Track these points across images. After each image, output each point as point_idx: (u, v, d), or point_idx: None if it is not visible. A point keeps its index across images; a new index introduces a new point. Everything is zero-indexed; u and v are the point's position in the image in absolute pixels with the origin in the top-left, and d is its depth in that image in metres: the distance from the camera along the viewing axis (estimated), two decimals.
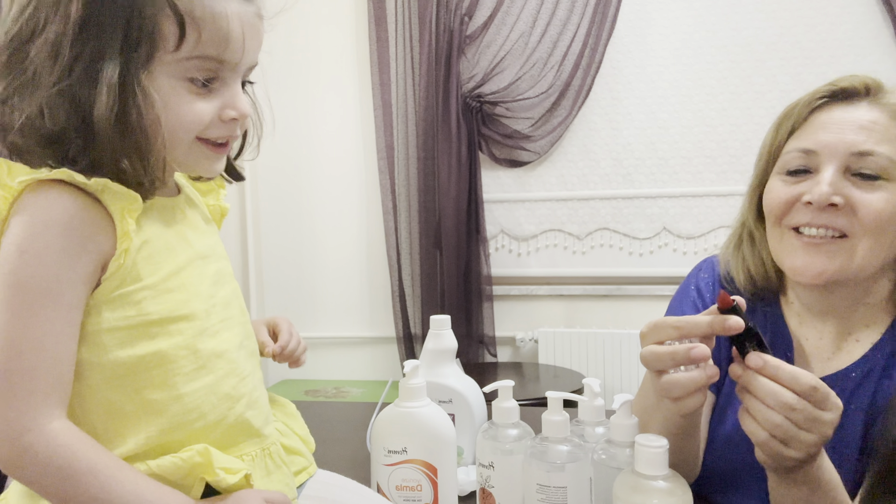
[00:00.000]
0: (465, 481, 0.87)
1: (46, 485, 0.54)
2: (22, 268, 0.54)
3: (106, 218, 0.56)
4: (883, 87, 0.80)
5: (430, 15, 2.47)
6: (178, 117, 0.58)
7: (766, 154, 0.86)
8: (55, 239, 0.54)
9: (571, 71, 2.44)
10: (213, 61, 0.58)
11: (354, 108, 2.69)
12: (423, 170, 2.56)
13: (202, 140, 0.62)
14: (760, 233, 0.87)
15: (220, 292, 0.66)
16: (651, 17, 2.44)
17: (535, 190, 2.58)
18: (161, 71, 0.57)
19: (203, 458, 0.58)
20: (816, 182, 0.76)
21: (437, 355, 0.94)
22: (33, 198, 0.55)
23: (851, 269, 0.76)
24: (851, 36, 2.28)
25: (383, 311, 2.70)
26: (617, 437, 0.69)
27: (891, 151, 0.75)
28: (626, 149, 2.48)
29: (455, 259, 2.51)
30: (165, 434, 0.59)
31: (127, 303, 0.58)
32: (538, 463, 0.71)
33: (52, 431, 0.54)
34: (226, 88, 0.61)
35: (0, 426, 0.53)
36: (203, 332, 0.62)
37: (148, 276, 0.58)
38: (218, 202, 0.76)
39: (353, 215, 2.70)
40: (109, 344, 0.57)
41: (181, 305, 0.60)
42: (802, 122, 0.82)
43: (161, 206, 0.63)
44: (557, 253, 2.58)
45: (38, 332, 0.54)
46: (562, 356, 2.50)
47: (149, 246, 0.59)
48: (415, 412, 0.79)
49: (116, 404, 0.58)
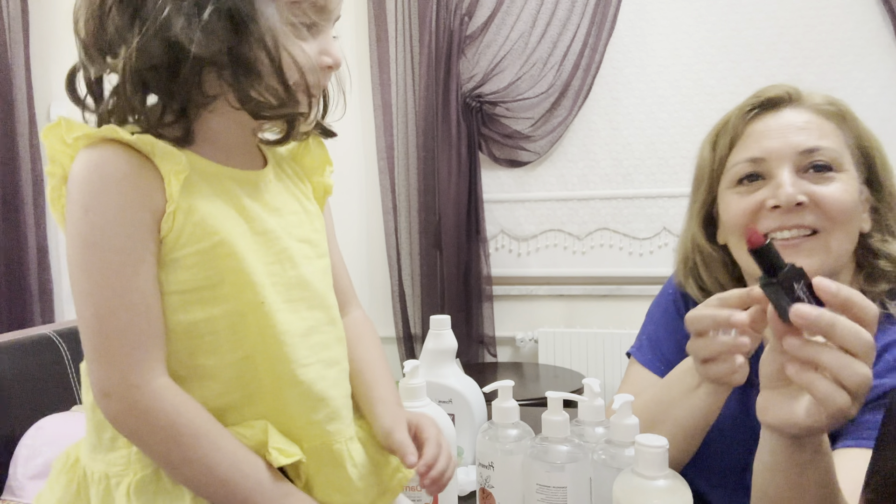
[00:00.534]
0: (465, 481, 0.87)
1: (151, 443, 0.55)
2: (91, 228, 0.54)
3: (156, 176, 0.56)
4: (801, 91, 0.84)
5: (430, 15, 2.47)
6: (294, 59, 0.59)
7: (708, 173, 0.88)
8: (114, 195, 0.54)
9: (571, 71, 2.44)
10: (314, 6, 0.60)
11: (354, 108, 2.69)
12: (423, 170, 2.56)
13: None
14: (716, 254, 0.88)
15: (289, 272, 0.63)
16: (651, 17, 2.44)
17: (535, 190, 2.58)
18: (275, 12, 0.58)
19: (264, 435, 0.58)
20: (777, 185, 0.78)
21: (437, 355, 0.94)
22: (86, 154, 0.55)
23: (830, 262, 0.77)
24: (851, 36, 2.28)
25: (383, 311, 2.70)
26: (617, 437, 0.69)
27: (832, 144, 0.79)
28: (625, 149, 2.48)
29: (455, 259, 2.51)
30: (221, 397, 0.59)
31: (180, 267, 0.57)
32: (538, 463, 0.70)
33: (156, 389, 0.54)
34: (321, 35, 0.62)
35: (111, 383, 0.54)
36: (258, 306, 0.59)
37: (199, 241, 0.57)
38: (322, 178, 0.74)
39: (354, 215, 2.70)
40: (164, 308, 0.57)
41: (233, 275, 0.58)
42: (740, 135, 0.85)
43: (227, 176, 0.62)
44: (557, 253, 2.58)
45: (123, 289, 0.54)
46: (562, 356, 2.50)
47: (198, 211, 0.58)
48: (415, 412, 0.79)
49: (170, 369, 0.57)
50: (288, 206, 0.67)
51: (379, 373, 0.72)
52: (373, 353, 0.74)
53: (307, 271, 0.64)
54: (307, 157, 0.73)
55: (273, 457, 0.58)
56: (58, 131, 0.56)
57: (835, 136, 0.80)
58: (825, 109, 0.81)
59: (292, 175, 0.70)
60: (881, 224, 0.82)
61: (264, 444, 0.58)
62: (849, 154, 0.80)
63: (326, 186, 0.74)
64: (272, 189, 0.66)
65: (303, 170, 0.73)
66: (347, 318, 0.75)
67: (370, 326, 0.78)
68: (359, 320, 0.77)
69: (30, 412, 1.06)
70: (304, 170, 0.73)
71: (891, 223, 0.81)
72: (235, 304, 0.58)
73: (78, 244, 0.55)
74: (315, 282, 0.65)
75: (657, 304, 1.00)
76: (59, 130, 0.56)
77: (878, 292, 0.79)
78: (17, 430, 1.05)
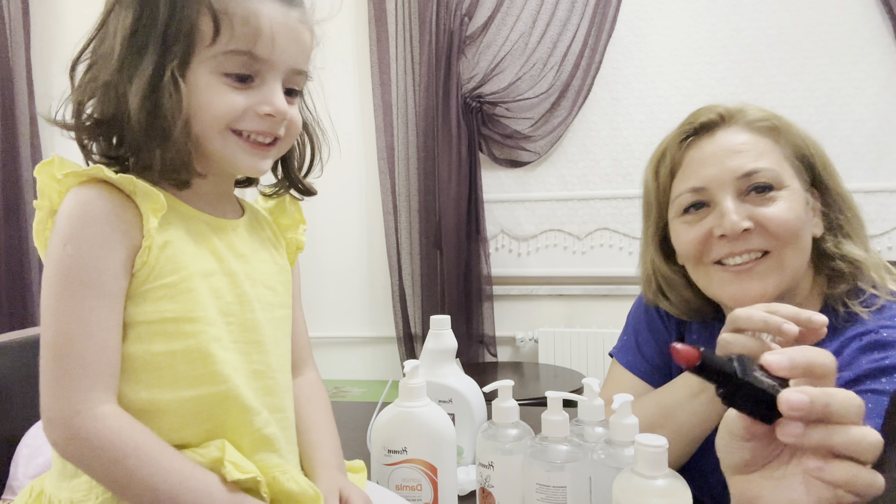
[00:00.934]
0: (465, 481, 0.87)
1: (95, 467, 0.56)
2: (65, 259, 0.57)
3: (137, 215, 0.60)
4: (732, 110, 0.84)
5: (430, 15, 2.47)
6: (209, 106, 0.61)
7: (655, 202, 0.89)
8: (93, 233, 0.58)
9: (571, 71, 2.44)
10: (246, 56, 0.61)
11: (354, 108, 2.69)
12: (423, 170, 2.56)
13: (236, 133, 0.63)
14: (676, 275, 0.89)
15: (247, 315, 0.66)
16: (651, 17, 2.44)
17: (535, 190, 2.58)
18: (201, 66, 0.61)
19: (220, 452, 0.60)
20: (720, 214, 0.79)
21: (437, 355, 0.94)
22: (74, 193, 0.59)
23: (786, 280, 0.78)
24: (851, 36, 2.28)
25: (383, 311, 2.70)
26: (617, 437, 0.69)
27: (770, 163, 0.79)
28: (625, 149, 2.48)
29: (455, 259, 2.51)
30: (177, 432, 0.60)
31: (147, 299, 0.60)
32: (538, 462, 0.71)
33: (99, 414, 0.56)
34: (264, 86, 0.64)
35: (54, 410, 0.56)
36: (216, 340, 0.62)
37: (168, 274, 0.60)
38: (296, 235, 0.79)
39: (354, 215, 2.70)
40: (130, 337, 0.60)
41: (194, 310, 0.61)
42: (679, 163, 0.86)
43: (202, 220, 0.66)
44: (557, 253, 2.59)
45: (83, 320, 0.57)
46: (562, 356, 2.50)
47: (171, 246, 0.61)
48: (415, 412, 0.79)
49: (129, 403, 0.59)
50: (257, 255, 0.70)
51: (325, 436, 0.75)
52: (321, 415, 0.77)
53: (263, 318, 0.67)
54: (283, 217, 0.78)
55: (227, 469, 0.59)
56: (50, 168, 0.60)
57: (772, 153, 0.80)
58: (759, 126, 0.82)
59: (267, 229, 0.75)
60: (832, 226, 0.83)
61: (220, 461, 0.60)
62: (788, 166, 0.81)
63: (299, 243, 0.79)
64: (242, 236, 0.69)
65: (279, 228, 0.77)
66: (301, 377, 0.79)
67: (321, 388, 0.81)
68: (312, 381, 0.80)
69: (31, 412, 1.06)
70: (279, 228, 0.77)
71: (842, 223, 0.82)
72: (194, 340, 0.61)
73: (51, 273, 0.58)
74: (269, 329, 0.68)
75: (637, 305, 1.01)
76: (52, 167, 0.60)
77: (839, 293, 0.80)
78: (18, 430, 1.05)
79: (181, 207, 0.64)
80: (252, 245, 0.70)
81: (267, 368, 0.67)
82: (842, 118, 2.29)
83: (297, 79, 0.67)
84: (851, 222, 0.82)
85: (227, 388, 0.62)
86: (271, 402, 0.66)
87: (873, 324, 0.76)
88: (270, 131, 0.65)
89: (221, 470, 0.59)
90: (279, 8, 0.63)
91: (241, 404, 0.63)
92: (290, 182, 0.76)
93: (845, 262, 0.80)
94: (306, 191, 0.77)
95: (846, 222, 0.82)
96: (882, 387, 0.70)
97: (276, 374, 0.68)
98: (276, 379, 0.68)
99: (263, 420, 0.65)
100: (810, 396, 0.45)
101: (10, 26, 2.47)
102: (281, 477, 0.64)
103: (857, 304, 0.78)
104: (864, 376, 0.72)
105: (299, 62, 0.66)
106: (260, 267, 0.69)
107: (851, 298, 0.79)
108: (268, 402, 0.66)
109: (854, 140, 2.28)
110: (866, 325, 0.76)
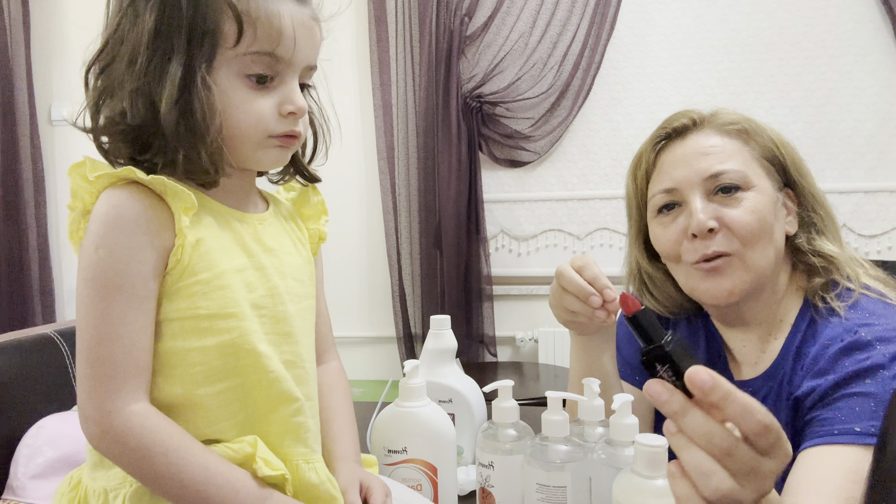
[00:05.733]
0: (465, 481, 0.88)
1: (126, 463, 0.59)
2: (97, 263, 0.59)
3: (168, 215, 0.61)
4: (704, 115, 0.90)
5: (430, 15, 2.47)
6: (243, 115, 0.63)
7: (635, 204, 0.95)
8: (124, 237, 0.59)
9: (571, 71, 2.44)
10: (269, 56, 0.62)
11: (354, 108, 2.69)
12: (423, 170, 2.56)
13: (272, 136, 0.65)
14: (659, 272, 0.95)
15: (278, 307, 0.67)
16: (651, 17, 2.44)
17: (535, 190, 2.58)
18: (223, 67, 0.62)
19: (252, 449, 0.61)
20: (689, 214, 0.84)
21: (437, 355, 0.94)
22: (106, 196, 0.60)
23: (751, 278, 0.83)
24: (851, 36, 2.28)
25: (383, 310, 2.70)
26: (617, 436, 0.69)
27: (736, 165, 0.84)
28: (626, 149, 2.48)
29: (455, 259, 2.51)
30: (211, 426, 0.62)
31: (182, 296, 0.61)
32: (538, 462, 0.71)
33: (130, 413, 0.58)
34: (283, 85, 0.65)
35: (88, 408, 0.58)
36: (251, 333, 0.63)
37: (202, 271, 0.62)
38: (318, 226, 0.80)
39: (354, 215, 2.70)
40: (165, 333, 0.61)
41: (228, 305, 0.62)
42: (653, 166, 0.91)
43: (231, 215, 0.67)
44: (557, 253, 2.58)
45: (113, 322, 0.59)
46: (562, 356, 2.50)
47: (204, 244, 0.62)
48: (415, 412, 0.79)
49: (163, 399, 0.61)
50: (283, 247, 0.71)
51: (346, 427, 0.77)
52: (343, 405, 0.79)
53: (293, 309, 0.69)
54: (306, 207, 0.79)
55: (258, 465, 0.61)
56: (82, 169, 0.61)
57: (739, 155, 0.85)
58: (729, 129, 0.87)
59: (290, 221, 0.76)
60: (805, 222, 0.87)
61: (252, 457, 0.61)
62: (757, 166, 0.85)
63: (322, 234, 0.80)
64: (270, 230, 0.71)
65: (301, 218, 0.79)
66: (324, 366, 0.80)
67: (344, 377, 0.83)
68: (334, 370, 0.82)
69: (30, 412, 1.06)
70: (302, 218, 0.79)
71: (815, 220, 0.87)
72: (228, 336, 0.62)
73: (84, 276, 0.60)
74: (298, 319, 0.69)
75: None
76: (84, 169, 0.61)
77: (816, 286, 0.84)
78: (18, 430, 1.05)
79: (210, 204, 0.65)
80: (279, 238, 0.72)
81: (297, 359, 0.68)
82: (842, 118, 2.28)
83: (309, 73, 0.69)
84: (824, 220, 0.87)
85: (266, 379, 0.64)
86: (303, 392, 0.68)
87: (851, 323, 0.78)
88: (294, 128, 0.66)
89: (252, 466, 0.61)
90: (296, 7, 0.64)
91: (280, 392, 0.65)
92: (296, 169, 0.77)
93: (819, 257, 0.85)
94: (311, 177, 0.78)
95: (819, 220, 0.87)
96: (867, 389, 0.72)
97: (305, 363, 0.70)
98: (306, 368, 0.70)
99: (296, 409, 0.66)
100: (714, 381, 0.46)
101: (10, 26, 2.47)
102: (304, 466, 0.66)
103: (834, 296, 0.82)
104: (848, 379, 0.73)
105: (312, 58, 0.67)
106: (287, 259, 0.71)
107: (828, 292, 0.83)
108: (302, 391, 0.68)
109: (854, 140, 2.28)
110: (843, 324, 0.78)
